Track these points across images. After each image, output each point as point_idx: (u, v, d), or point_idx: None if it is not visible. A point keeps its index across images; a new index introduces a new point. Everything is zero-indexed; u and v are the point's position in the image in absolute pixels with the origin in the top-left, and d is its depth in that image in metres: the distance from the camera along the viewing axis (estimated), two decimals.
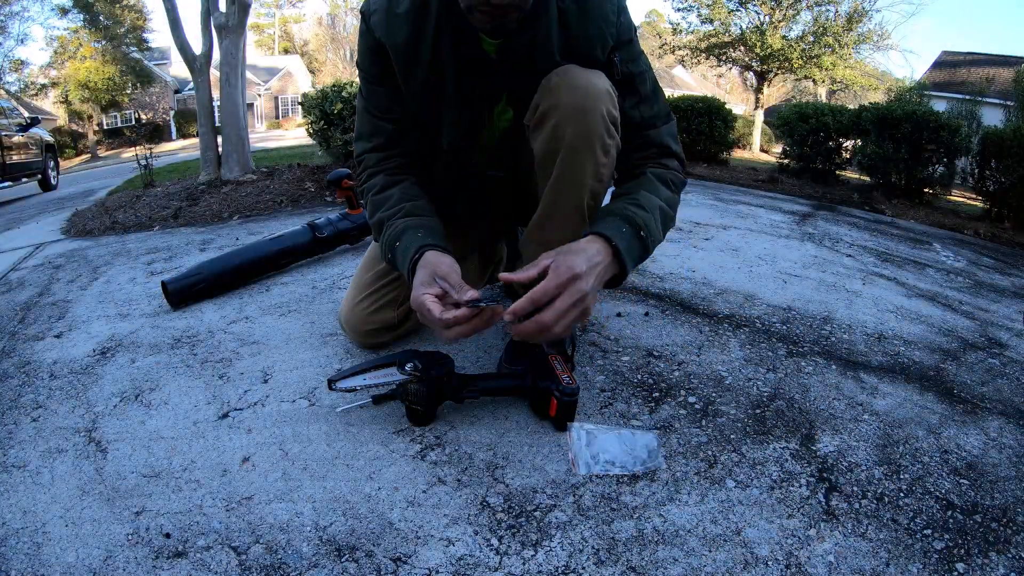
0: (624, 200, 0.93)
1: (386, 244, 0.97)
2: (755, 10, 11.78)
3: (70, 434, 0.98)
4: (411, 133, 1.04)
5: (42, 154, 6.96)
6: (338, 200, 3.10)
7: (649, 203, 0.92)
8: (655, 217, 0.92)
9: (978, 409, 1.15)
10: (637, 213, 0.90)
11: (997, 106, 8.70)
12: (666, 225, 0.96)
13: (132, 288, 1.73)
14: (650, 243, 0.91)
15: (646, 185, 0.96)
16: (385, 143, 1.05)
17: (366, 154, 1.06)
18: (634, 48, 0.98)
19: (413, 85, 0.97)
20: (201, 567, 0.70)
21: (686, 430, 0.99)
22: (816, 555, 0.74)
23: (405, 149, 1.06)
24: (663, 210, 0.94)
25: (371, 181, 1.04)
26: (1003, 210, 4.54)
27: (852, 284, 1.93)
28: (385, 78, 0.99)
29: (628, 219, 0.89)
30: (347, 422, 0.99)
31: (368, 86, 1.02)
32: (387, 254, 0.98)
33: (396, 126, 1.03)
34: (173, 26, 4.14)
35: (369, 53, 0.98)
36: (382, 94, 1.01)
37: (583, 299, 0.80)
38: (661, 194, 0.96)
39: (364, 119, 1.05)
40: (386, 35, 0.94)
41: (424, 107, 0.99)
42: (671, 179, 0.99)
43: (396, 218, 0.97)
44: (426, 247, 0.91)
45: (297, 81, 28.72)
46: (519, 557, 0.72)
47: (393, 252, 0.96)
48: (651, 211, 0.91)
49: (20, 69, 18.52)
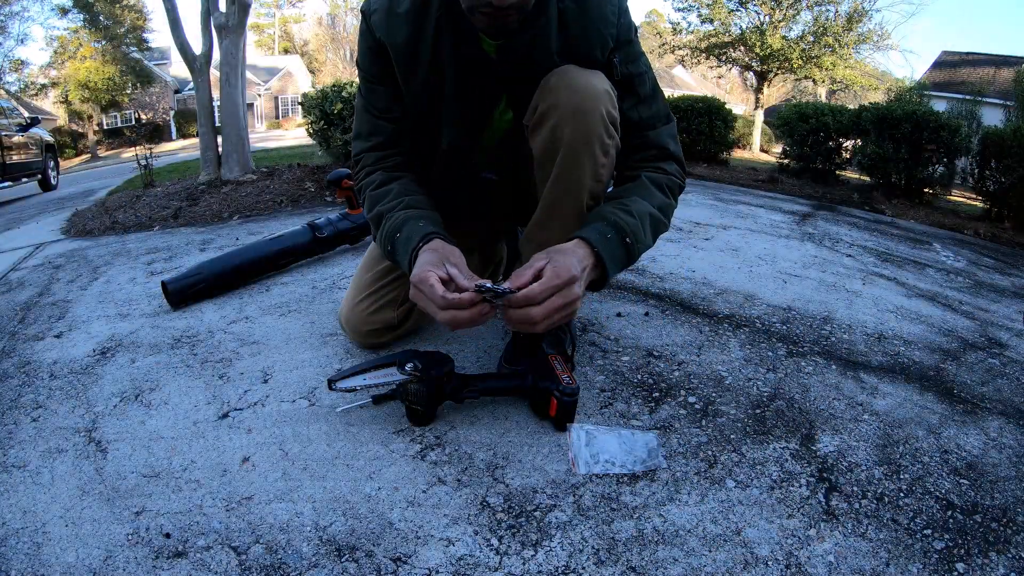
0: (614, 204, 0.93)
1: (386, 235, 0.95)
2: (755, 10, 11.79)
3: (70, 434, 0.98)
4: (410, 133, 1.04)
5: (42, 154, 6.96)
6: (338, 200, 3.10)
7: (640, 209, 0.92)
8: (643, 224, 0.91)
9: (978, 409, 1.15)
10: (625, 220, 0.89)
11: (997, 106, 8.70)
12: (657, 231, 0.96)
13: (132, 288, 1.73)
14: (636, 250, 0.90)
15: (639, 190, 0.96)
16: (384, 142, 1.04)
17: (364, 153, 1.05)
18: (634, 49, 0.98)
19: (413, 85, 0.97)
20: (201, 567, 0.70)
21: (686, 430, 0.99)
22: (816, 555, 0.74)
23: (404, 149, 1.05)
24: (654, 216, 0.94)
25: (369, 178, 1.04)
26: (1003, 210, 4.54)
27: (852, 284, 1.93)
28: (385, 77, 0.99)
29: (615, 225, 0.88)
30: (347, 422, 0.99)
31: (368, 85, 1.02)
32: (386, 245, 0.96)
33: (396, 126, 1.03)
34: (173, 26, 4.14)
35: (369, 52, 0.98)
36: (382, 93, 1.01)
37: (574, 302, 0.81)
38: (655, 200, 0.95)
39: (363, 118, 1.05)
40: (386, 34, 0.94)
41: (424, 107, 0.99)
42: (667, 184, 0.99)
43: (397, 210, 0.96)
44: (433, 235, 0.90)
45: (297, 81, 28.73)
46: (519, 557, 0.72)
47: (393, 243, 0.93)
48: (640, 218, 0.91)
49: (20, 69, 18.52)
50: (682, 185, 1.03)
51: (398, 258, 0.94)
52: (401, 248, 0.92)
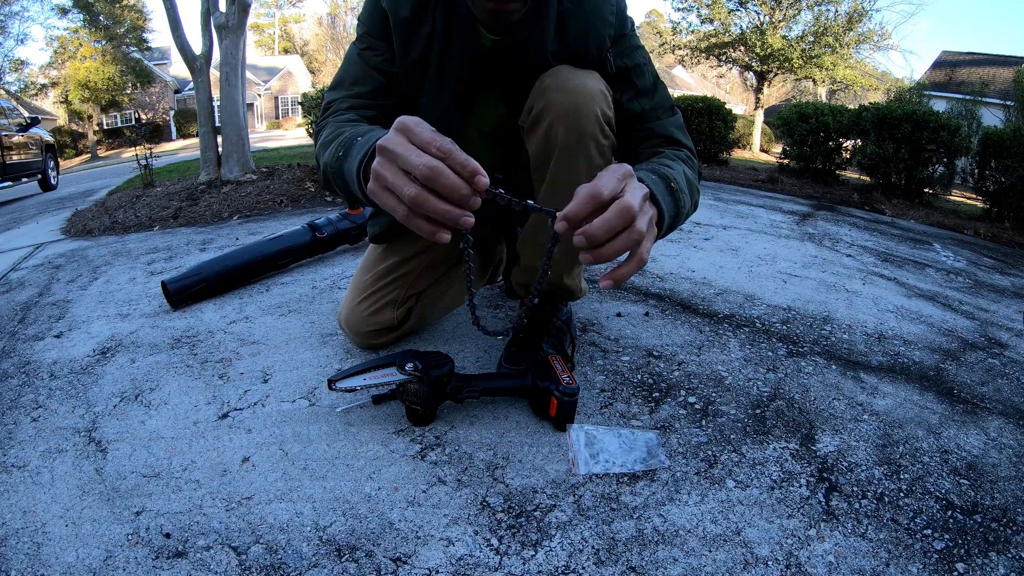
0: (647, 165, 0.82)
1: (343, 141, 0.74)
2: (755, 10, 11.80)
3: (70, 434, 0.98)
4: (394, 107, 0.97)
5: (42, 154, 6.96)
6: (338, 200, 3.10)
7: (675, 168, 0.83)
8: (682, 181, 0.80)
9: (978, 409, 1.15)
10: (664, 170, 0.78)
11: (997, 106, 8.70)
12: (692, 194, 0.84)
13: (132, 288, 1.73)
14: (681, 200, 0.77)
15: (666, 160, 0.88)
16: (368, 93, 0.95)
17: (339, 100, 0.94)
18: (630, 42, 0.97)
19: (405, 61, 0.95)
20: (201, 567, 0.70)
21: (686, 430, 0.99)
22: (816, 555, 0.74)
23: (385, 112, 0.95)
24: (688, 178, 0.84)
25: (336, 116, 0.90)
26: (1003, 210, 4.54)
27: (852, 284, 1.93)
28: (387, 37, 0.96)
29: (655, 171, 0.77)
30: (347, 422, 0.98)
31: (368, 40, 0.97)
32: (338, 151, 0.74)
33: (385, 82, 0.96)
34: (173, 26, 4.14)
35: (375, 13, 0.95)
36: (382, 50, 0.97)
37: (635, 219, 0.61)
38: (684, 170, 0.86)
39: (354, 65, 0.97)
40: (391, 6, 0.93)
41: (412, 86, 0.97)
42: (686, 159, 0.93)
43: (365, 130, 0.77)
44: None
45: (297, 81, 28.74)
46: (519, 557, 0.72)
47: (351, 145, 0.72)
48: (677, 175, 0.80)
49: (20, 69, 18.54)
50: (700, 168, 0.96)
51: (353, 153, 0.70)
52: (362, 143, 0.70)
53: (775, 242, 2.47)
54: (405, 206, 0.57)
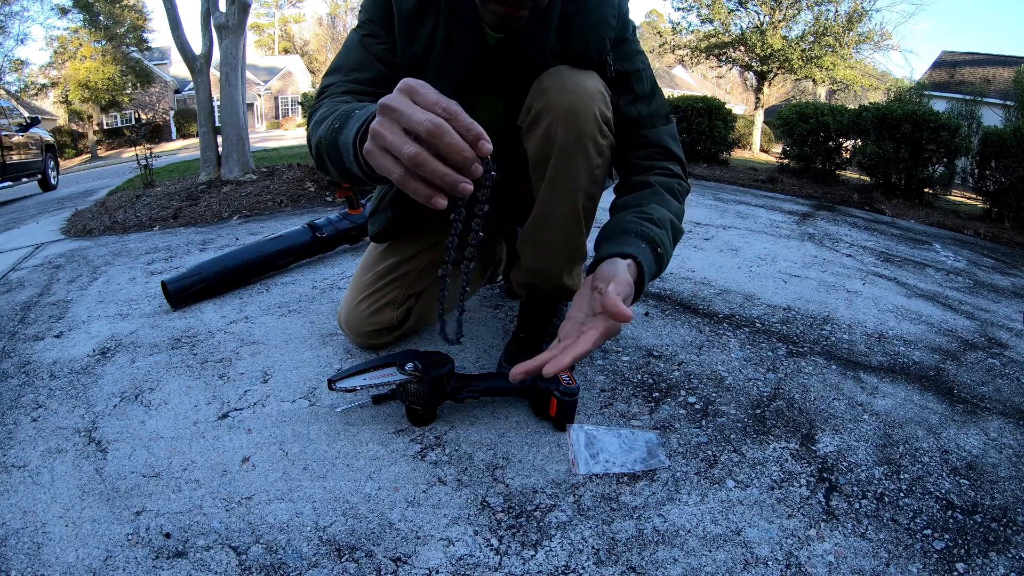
0: (635, 214, 0.88)
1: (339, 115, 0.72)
2: (755, 10, 11.79)
3: (70, 434, 0.98)
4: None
5: (42, 154, 6.96)
6: (338, 200, 3.10)
7: (661, 218, 0.88)
8: (667, 232, 0.87)
9: (978, 409, 1.15)
10: (652, 230, 0.84)
11: (997, 106, 8.70)
12: (676, 239, 0.91)
13: (132, 288, 1.73)
14: (664, 260, 0.86)
15: (656, 198, 0.92)
16: (367, 80, 0.92)
17: (336, 84, 0.92)
18: (630, 47, 0.97)
19: (406, 54, 0.95)
20: (201, 567, 0.70)
21: (686, 430, 0.99)
22: (816, 555, 0.74)
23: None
24: (673, 224, 0.90)
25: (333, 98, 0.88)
26: (1003, 210, 4.54)
27: (852, 284, 1.93)
28: (390, 26, 0.94)
29: (645, 236, 0.83)
30: (347, 422, 0.99)
31: (371, 26, 0.96)
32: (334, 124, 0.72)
33: (386, 71, 0.94)
34: (173, 26, 4.14)
35: (379, 3, 0.94)
36: (384, 37, 0.95)
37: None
38: (671, 207, 0.91)
39: (354, 51, 0.95)
40: None
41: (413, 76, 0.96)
42: (677, 188, 0.96)
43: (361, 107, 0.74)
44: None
45: (297, 81, 28.75)
46: (519, 557, 0.72)
47: (347, 119, 0.69)
48: (664, 227, 0.87)
49: (20, 69, 18.54)
50: (688, 188, 1.00)
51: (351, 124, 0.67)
52: (361, 114, 0.67)
53: (775, 242, 2.47)
54: (402, 167, 0.54)
